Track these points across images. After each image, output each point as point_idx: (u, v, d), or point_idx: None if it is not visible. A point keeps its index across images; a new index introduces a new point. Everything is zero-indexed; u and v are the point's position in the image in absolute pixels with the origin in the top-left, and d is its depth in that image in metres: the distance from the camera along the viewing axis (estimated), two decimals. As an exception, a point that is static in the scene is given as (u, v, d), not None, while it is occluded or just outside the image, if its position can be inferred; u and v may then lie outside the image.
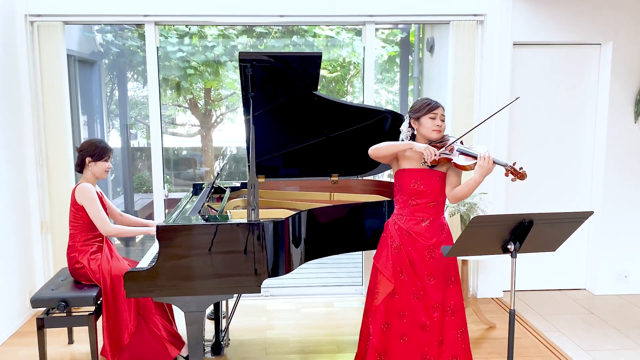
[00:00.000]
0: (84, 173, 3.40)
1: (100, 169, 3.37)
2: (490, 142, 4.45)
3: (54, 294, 3.21)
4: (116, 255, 3.47)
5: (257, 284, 2.77)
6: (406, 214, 2.86)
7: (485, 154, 2.64)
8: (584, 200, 4.72)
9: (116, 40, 5.66)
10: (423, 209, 2.83)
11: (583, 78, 4.60)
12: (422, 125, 2.82)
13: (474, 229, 2.21)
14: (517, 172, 2.60)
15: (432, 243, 2.81)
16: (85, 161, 3.35)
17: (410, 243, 2.83)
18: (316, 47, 6.10)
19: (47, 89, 4.16)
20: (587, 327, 3.99)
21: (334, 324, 4.05)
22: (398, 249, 2.84)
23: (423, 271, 2.81)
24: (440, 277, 2.82)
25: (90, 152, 3.35)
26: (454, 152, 2.76)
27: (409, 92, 6.44)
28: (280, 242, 2.85)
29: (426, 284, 2.81)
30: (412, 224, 2.83)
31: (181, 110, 8.21)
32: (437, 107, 2.81)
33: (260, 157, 3.87)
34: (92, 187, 3.32)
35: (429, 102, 2.81)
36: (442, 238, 2.84)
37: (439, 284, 2.81)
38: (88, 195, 3.29)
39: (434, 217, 2.84)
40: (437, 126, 2.79)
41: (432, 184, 2.80)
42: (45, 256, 4.29)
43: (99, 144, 3.38)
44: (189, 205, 3.37)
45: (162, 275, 2.70)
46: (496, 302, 4.50)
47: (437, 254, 2.81)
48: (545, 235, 2.33)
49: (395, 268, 2.83)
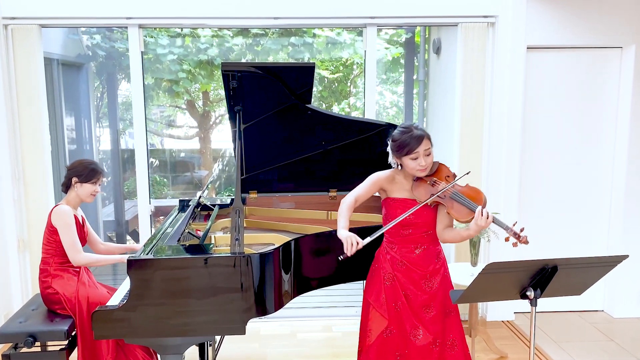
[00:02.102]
0: (68, 194, 3.13)
1: (86, 191, 3.10)
2: (502, 150, 4.13)
3: (21, 328, 2.92)
4: (93, 282, 3.19)
5: (242, 324, 2.47)
6: (398, 242, 2.56)
7: (484, 213, 2.31)
8: (603, 215, 4.39)
9: (103, 42, 5.36)
10: (416, 238, 2.54)
11: (602, 84, 4.25)
12: (405, 164, 2.48)
13: (489, 275, 1.89)
14: (518, 235, 2.27)
15: (428, 271, 2.53)
16: (71, 181, 3.09)
17: (405, 273, 2.54)
18: (315, 49, 5.78)
19: (22, 96, 3.87)
20: (608, 358, 3.67)
21: (331, 353, 3.75)
22: (392, 281, 2.55)
23: (419, 303, 2.52)
24: (438, 308, 2.53)
25: (78, 172, 3.08)
26: (447, 198, 2.44)
27: (414, 95, 6.10)
28: (269, 276, 2.53)
29: (424, 319, 2.51)
30: (405, 252, 2.54)
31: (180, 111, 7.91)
32: (418, 145, 2.41)
33: (252, 170, 3.59)
34: (69, 211, 3.04)
35: (408, 141, 2.41)
36: (438, 265, 2.56)
37: (437, 316, 2.52)
38: (64, 220, 3.02)
39: (428, 244, 2.55)
40: (421, 166, 2.44)
41: (424, 215, 2.50)
42: (23, 276, 4.01)
43: (88, 165, 3.12)
44: (170, 228, 3.06)
45: (134, 315, 2.40)
46: (507, 327, 4.18)
47: (434, 282, 2.53)
48: (571, 280, 2.01)
49: (390, 302, 2.54)
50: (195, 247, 2.63)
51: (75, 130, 5.55)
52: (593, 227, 4.40)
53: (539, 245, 4.37)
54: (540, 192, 4.34)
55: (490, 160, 4.14)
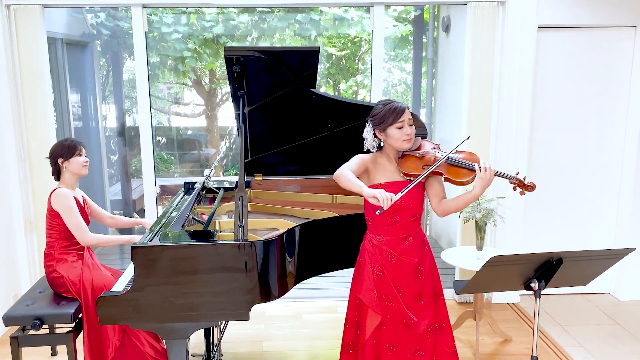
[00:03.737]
0: (62, 177, 3.12)
1: (76, 166, 3.09)
2: (511, 131, 4.07)
3: (28, 311, 2.94)
4: (98, 265, 3.20)
5: (246, 310, 2.47)
6: (385, 233, 2.48)
7: (485, 165, 2.28)
8: (613, 196, 4.34)
9: (107, 21, 5.29)
10: (404, 225, 2.46)
11: (614, 65, 4.16)
12: (390, 136, 2.41)
13: (492, 268, 1.87)
14: (523, 184, 2.25)
15: (417, 261, 2.48)
16: (58, 164, 3.08)
17: (396, 266, 2.47)
18: (322, 26, 5.68)
19: (26, 77, 3.83)
20: (613, 342, 3.66)
21: (335, 335, 3.76)
22: (381, 275, 2.48)
23: (411, 294, 2.48)
24: (429, 295, 2.50)
25: (60, 153, 3.08)
26: (442, 165, 2.38)
27: (422, 73, 6.01)
28: (273, 262, 2.53)
29: (416, 308, 2.48)
30: (396, 243, 2.47)
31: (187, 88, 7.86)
32: (402, 112, 2.37)
33: (257, 153, 3.57)
34: (68, 194, 3.03)
35: (393, 107, 2.38)
36: (425, 252, 2.52)
37: (429, 303, 2.49)
38: (65, 203, 3.01)
39: (415, 232, 2.49)
40: (407, 135, 2.39)
41: (413, 197, 2.42)
42: (31, 257, 4.04)
43: (64, 142, 3.12)
44: (175, 212, 3.06)
45: (139, 301, 2.41)
46: (513, 309, 4.18)
47: (424, 271, 2.49)
48: (576, 272, 1.98)
49: (381, 296, 2.48)
50: (200, 233, 2.62)
51: (81, 108, 5.53)
52: (602, 208, 4.36)
53: (547, 227, 4.35)
54: (549, 174, 4.28)
55: (499, 141, 4.08)
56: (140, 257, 2.38)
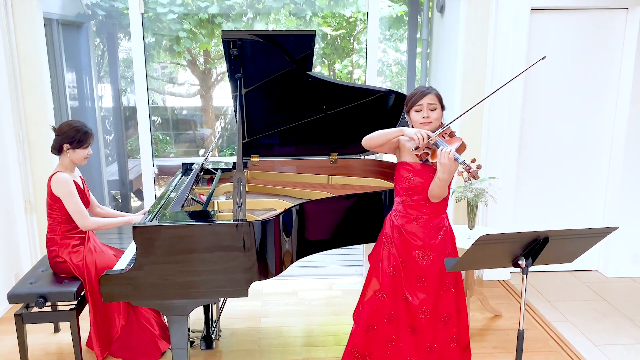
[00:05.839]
0: (61, 159, 3.12)
1: (79, 156, 3.10)
2: (504, 113, 4.13)
3: (32, 289, 3.02)
4: (99, 246, 3.26)
5: (244, 287, 2.56)
6: (401, 210, 2.65)
7: (445, 150, 2.36)
8: (602, 176, 4.43)
9: (102, 2, 5.28)
10: (416, 206, 2.60)
11: (606, 46, 4.21)
12: (412, 119, 2.59)
13: (482, 246, 1.95)
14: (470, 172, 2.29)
15: (422, 244, 2.58)
16: (63, 147, 3.07)
17: (402, 242, 2.62)
18: (317, 6, 5.69)
19: (23, 58, 3.85)
20: (599, 317, 3.79)
21: (331, 311, 3.87)
22: (390, 247, 2.65)
23: (414, 273, 2.60)
24: (432, 282, 2.59)
25: (69, 139, 3.04)
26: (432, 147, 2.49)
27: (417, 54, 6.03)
28: (270, 241, 2.61)
29: (415, 287, 2.60)
30: (405, 222, 2.62)
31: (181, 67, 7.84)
32: (422, 97, 2.53)
33: (254, 135, 3.63)
34: (68, 178, 3.05)
35: (414, 93, 2.55)
36: (439, 241, 2.59)
37: (429, 288, 2.59)
38: (65, 188, 3.03)
39: (429, 216, 2.59)
40: (424, 118, 2.53)
41: (427, 174, 2.55)
42: (31, 237, 4.10)
43: (80, 129, 3.05)
44: (174, 193, 3.12)
45: (140, 279, 2.49)
46: (503, 286, 4.29)
47: (430, 257, 2.58)
48: (562, 250, 2.07)
49: (388, 267, 2.64)
50: (199, 213, 2.69)
51: (77, 88, 5.54)
52: (591, 188, 4.45)
53: (537, 207, 4.45)
54: (540, 154, 4.36)
55: (491, 121, 4.15)
56: (141, 236, 2.45)
